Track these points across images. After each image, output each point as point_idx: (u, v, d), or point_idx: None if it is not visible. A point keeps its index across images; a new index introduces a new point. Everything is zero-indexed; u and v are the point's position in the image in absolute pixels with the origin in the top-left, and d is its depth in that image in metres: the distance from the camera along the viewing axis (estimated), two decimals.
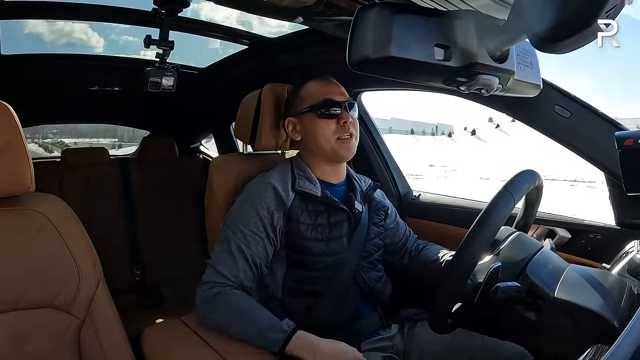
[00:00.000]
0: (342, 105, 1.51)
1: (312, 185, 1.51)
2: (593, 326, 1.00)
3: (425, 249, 1.72)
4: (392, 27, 0.70)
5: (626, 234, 1.46)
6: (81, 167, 2.96)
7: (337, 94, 1.53)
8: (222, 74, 2.68)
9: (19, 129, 1.21)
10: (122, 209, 3.04)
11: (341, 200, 1.54)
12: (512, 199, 1.15)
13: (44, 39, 2.54)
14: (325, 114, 1.50)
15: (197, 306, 1.40)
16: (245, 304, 1.36)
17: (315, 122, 1.50)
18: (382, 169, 2.27)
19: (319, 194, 1.50)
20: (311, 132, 1.52)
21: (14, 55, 2.18)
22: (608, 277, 1.15)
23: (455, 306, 1.15)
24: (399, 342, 1.55)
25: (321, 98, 1.51)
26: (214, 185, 1.65)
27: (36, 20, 2.37)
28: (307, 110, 1.52)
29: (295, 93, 1.58)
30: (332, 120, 1.49)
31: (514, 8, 0.69)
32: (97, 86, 2.66)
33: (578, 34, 0.58)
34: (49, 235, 1.29)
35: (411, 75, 0.80)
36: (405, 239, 1.76)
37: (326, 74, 1.58)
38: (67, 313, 1.30)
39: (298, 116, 1.55)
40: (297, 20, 1.55)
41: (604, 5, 0.55)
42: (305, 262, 1.48)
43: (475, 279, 1.20)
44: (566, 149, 1.50)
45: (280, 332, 1.31)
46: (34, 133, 23.51)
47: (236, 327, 1.34)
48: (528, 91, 0.94)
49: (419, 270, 1.68)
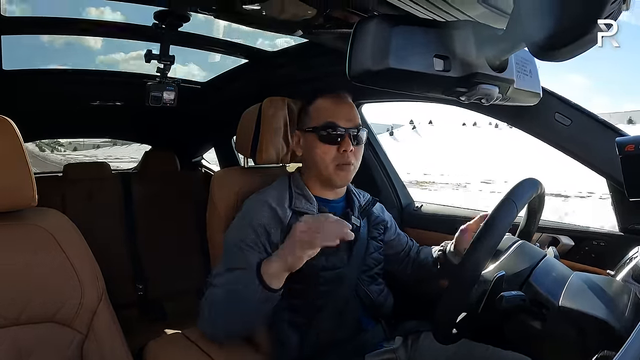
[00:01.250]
0: (347, 131, 1.47)
1: (309, 204, 1.50)
2: (598, 333, 0.99)
3: (420, 251, 1.74)
4: (391, 39, 0.71)
5: (630, 240, 1.46)
6: (83, 181, 2.97)
7: (344, 118, 1.48)
8: (223, 88, 2.69)
9: (20, 144, 1.22)
10: (123, 224, 3.04)
11: (339, 216, 1.53)
12: (515, 207, 1.15)
13: (42, 38, 2.54)
14: (327, 138, 1.46)
15: (200, 322, 1.39)
16: (228, 288, 1.35)
17: (315, 144, 1.47)
18: (383, 180, 2.27)
19: (316, 212, 1.49)
20: (311, 153, 1.50)
21: (16, 70, 2.20)
22: (612, 283, 1.14)
23: (460, 316, 1.14)
24: (402, 354, 1.54)
25: (325, 120, 1.47)
26: (215, 199, 1.65)
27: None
28: (311, 130, 1.49)
29: (306, 108, 1.54)
30: (333, 147, 1.46)
31: (512, 17, 0.69)
32: (99, 101, 2.68)
33: (576, 42, 0.58)
34: (51, 250, 1.29)
35: (411, 87, 0.80)
36: (408, 249, 1.76)
37: (340, 90, 1.53)
38: (70, 327, 1.30)
39: (304, 133, 1.52)
40: (297, 34, 1.56)
41: (602, 13, 0.56)
42: (304, 276, 1.45)
43: (479, 288, 1.19)
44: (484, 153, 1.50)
45: (252, 280, 1.30)
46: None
47: (229, 312, 1.33)
48: (528, 100, 0.94)
49: (418, 271, 1.70)
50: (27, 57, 2.30)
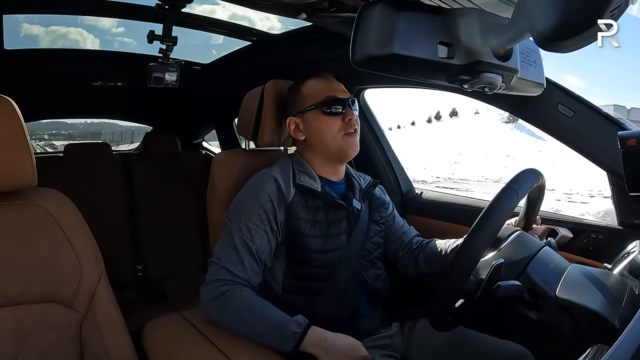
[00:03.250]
0: (346, 102, 1.51)
1: (312, 181, 1.50)
2: (594, 326, 0.99)
3: (430, 243, 1.70)
4: (395, 25, 0.70)
5: (628, 234, 1.46)
6: (83, 161, 2.97)
7: (340, 91, 1.54)
8: (225, 70, 2.68)
9: (21, 124, 1.21)
10: (123, 204, 3.04)
11: (340, 198, 1.54)
12: (516, 195, 1.15)
13: (40, 40, 2.54)
14: (331, 111, 1.49)
15: (203, 305, 1.37)
16: (257, 301, 1.34)
17: (320, 120, 1.50)
18: (384, 166, 2.27)
19: (319, 189, 1.50)
20: (317, 130, 1.51)
21: (18, 50, 2.19)
22: (609, 277, 1.14)
23: (457, 303, 1.15)
24: (399, 340, 1.55)
25: (325, 95, 1.51)
26: (215, 181, 1.65)
27: (32, 24, 2.38)
28: (312, 108, 1.51)
29: (297, 91, 1.57)
30: (338, 117, 1.49)
31: (518, 6, 0.69)
32: (100, 81, 2.67)
33: (582, 33, 0.58)
34: (50, 230, 1.29)
35: (414, 73, 0.80)
36: (402, 231, 1.74)
37: (326, 72, 1.58)
38: (69, 308, 1.31)
39: (301, 115, 1.54)
40: (301, 17, 1.55)
41: (609, 5, 0.55)
42: (304, 259, 1.47)
43: (477, 275, 1.20)
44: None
45: (297, 324, 1.29)
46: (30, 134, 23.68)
47: (248, 325, 1.31)
48: (531, 90, 0.94)
49: (427, 265, 1.66)
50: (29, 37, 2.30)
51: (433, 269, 1.63)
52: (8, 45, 2.06)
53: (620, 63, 78.43)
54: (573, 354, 0.90)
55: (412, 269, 1.69)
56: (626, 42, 0.69)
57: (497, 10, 0.85)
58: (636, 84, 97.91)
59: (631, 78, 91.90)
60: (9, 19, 1.90)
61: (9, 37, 1.99)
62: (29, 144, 1.23)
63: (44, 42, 9.79)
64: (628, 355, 0.64)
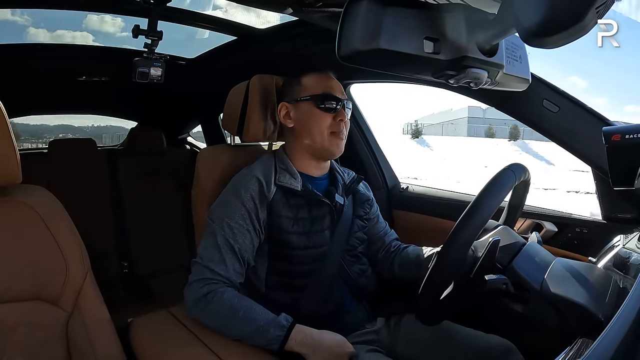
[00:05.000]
0: (341, 102, 1.52)
1: (293, 180, 1.51)
2: (579, 319, 1.00)
3: (407, 248, 1.71)
4: (382, 20, 0.70)
5: (612, 228, 1.48)
6: (68, 158, 2.93)
7: (338, 91, 1.55)
8: (211, 65, 2.66)
9: (5, 120, 1.19)
10: (109, 200, 3.02)
11: (323, 193, 1.54)
12: (514, 176, 1.18)
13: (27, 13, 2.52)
14: (325, 106, 1.50)
15: (188, 307, 1.37)
16: (239, 302, 1.33)
17: (312, 112, 1.51)
18: (370, 161, 2.28)
19: (300, 188, 1.50)
20: (306, 121, 1.52)
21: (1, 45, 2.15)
22: (594, 270, 1.16)
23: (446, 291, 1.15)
24: (384, 335, 1.55)
25: (323, 90, 1.52)
26: (201, 176, 1.65)
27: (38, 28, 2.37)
28: (308, 98, 1.52)
29: (296, 80, 1.57)
30: (330, 115, 1.50)
31: (504, 2, 0.69)
32: (85, 76, 2.64)
33: (567, 30, 0.58)
34: (35, 227, 1.28)
35: (400, 68, 0.79)
36: (384, 233, 1.75)
37: (328, 70, 1.59)
38: (55, 305, 1.30)
39: (295, 103, 1.55)
40: (287, 12, 1.54)
41: (594, 2, 0.55)
42: (287, 255, 1.47)
43: (475, 252, 1.21)
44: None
45: (279, 327, 1.29)
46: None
47: (232, 326, 1.31)
48: (517, 85, 0.94)
49: (401, 269, 1.67)
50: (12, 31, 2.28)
51: (406, 273, 1.64)
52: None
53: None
54: (558, 347, 0.91)
55: (387, 271, 1.70)
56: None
57: (483, 6, 0.85)
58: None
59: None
60: (14, 25, 1.87)
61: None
62: (13, 140, 1.21)
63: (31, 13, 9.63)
64: (613, 347, 0.65)
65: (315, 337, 1.30)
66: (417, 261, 1.59)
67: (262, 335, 1.28)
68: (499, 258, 1.16)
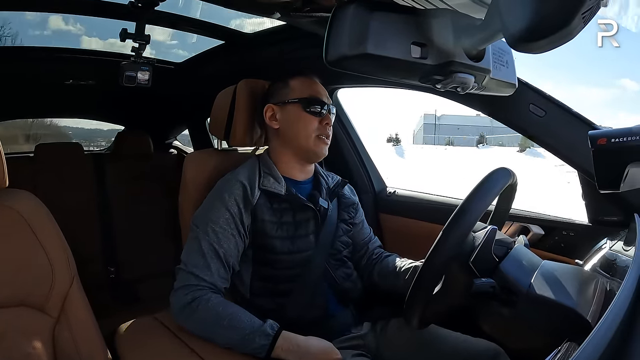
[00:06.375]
0: (327, 106, 1.53)
1: (277, 184, 1.50)
2: (566, 321, 1.01)
3: (388, 257, 1.71)
4: (369, 25, 0.70)
5: (598, 231, 1.49)
6: (55, 162, 2.91)
7: (324, 95, 1.56)
8: (198, 69, 2.65)
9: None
10: (96, 205, 3.00)
11: (307, 197, 1.55)
12: (502, 180, 1.20)
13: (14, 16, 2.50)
14: (311, 110, 1.51)
15: (174, 314, 1.37)
16: (224, 309, 1.32)
17: (299, 115, 1.51)
18: (356, 165, 2.28)
19: (283, 192, 1.50)
20: (293, 124, 1.52)
21: None
22: (581, 273, 1.16)
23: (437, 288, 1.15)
24: (371, 340, 1.55)
25: (310, 94, 1.53)
26: (187, 181, 1.64)
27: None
28: (296, 101, 1.52)
29: (283, 83, 1.57)
30: (316, 118, 1.51)
31: (490, 8, 0.69)
32: (72, 80, 2.61)
33: (553, 35, 0.58)
34: (21, 232, 1.26)
35: (387, 73, 0.80)
36: (368, 239, 1.76)
37: (314, 75, 1.60)
38: (41, 311, 1.28)
39: (282, 105, 1.55)
40: (275, 16, 1.55)
41: (580, 7, 0.56)
42: (272, 260, 1.47)
43: (475, 240, 1.21)
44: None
45: (264, 335, 1.28)
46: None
47: (218, 335, 1.30)
48: (503, 90, 0.95)
49: (380, 278, 1.67)
50: (67, 40, 2.28)
51: (384, 283, 1.65)
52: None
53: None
54: (546, 350, 0.91)
55: (367, 278, 1.70)
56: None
57: (470, 12, 0.86)
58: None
59: None
60: (68, 34, 1.87)
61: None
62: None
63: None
64: (600, 349, 0.65)
65: (301, 344, 1.30)
66: (395, 273, 1.60)
67: (248, 344, 1.28)
68: (495, 249, 1.17)
